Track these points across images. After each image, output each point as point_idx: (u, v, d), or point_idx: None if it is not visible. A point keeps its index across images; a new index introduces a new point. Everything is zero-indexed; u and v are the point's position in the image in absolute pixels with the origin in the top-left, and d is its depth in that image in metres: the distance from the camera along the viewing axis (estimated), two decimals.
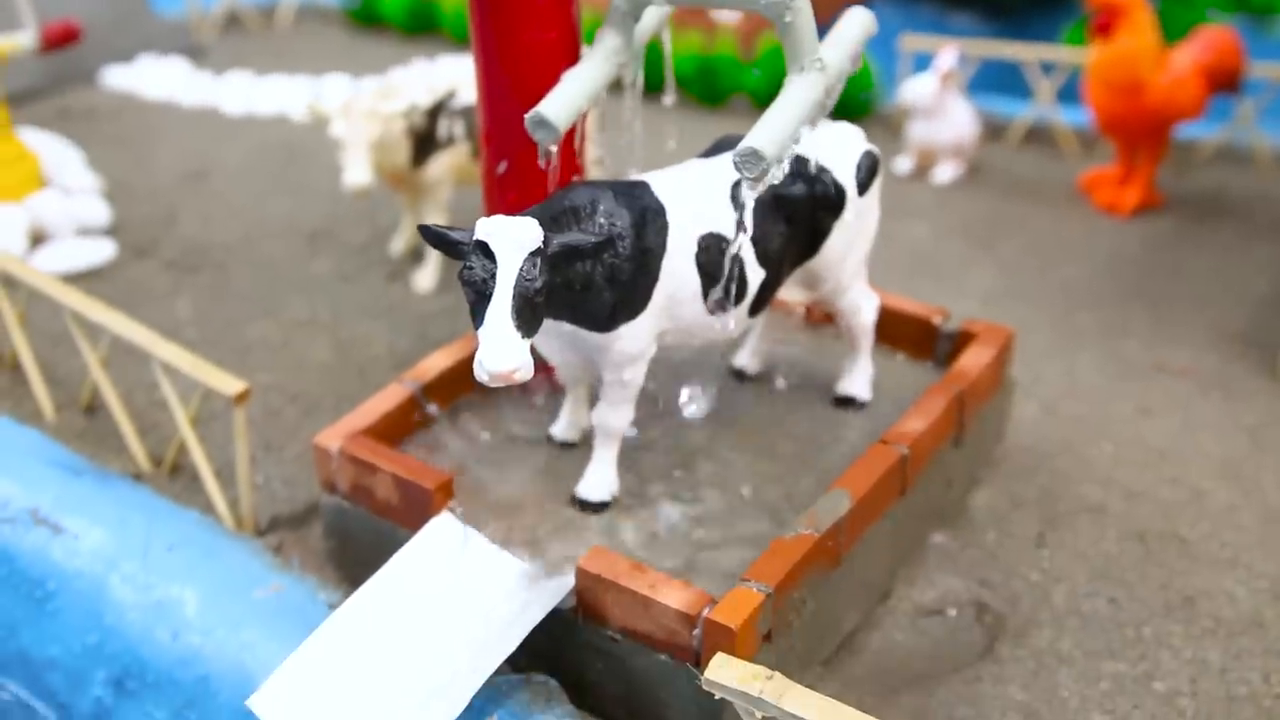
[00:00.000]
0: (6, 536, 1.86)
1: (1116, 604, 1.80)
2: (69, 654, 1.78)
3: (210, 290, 2.58)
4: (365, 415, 1.76)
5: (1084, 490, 2.03)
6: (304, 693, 1.47)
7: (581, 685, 1.58)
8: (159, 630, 1.71)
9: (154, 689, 1.70)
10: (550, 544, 1.63)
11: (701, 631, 1.44)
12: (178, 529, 1.81)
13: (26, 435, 2.01)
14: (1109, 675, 1.68)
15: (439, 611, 1.54)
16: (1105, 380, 2.35)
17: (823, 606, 1.61)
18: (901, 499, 1.73)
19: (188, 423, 1.88)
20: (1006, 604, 1.80)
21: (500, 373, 1.34)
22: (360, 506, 1.72)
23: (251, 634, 1.65)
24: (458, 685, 1.45)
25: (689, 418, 1.86)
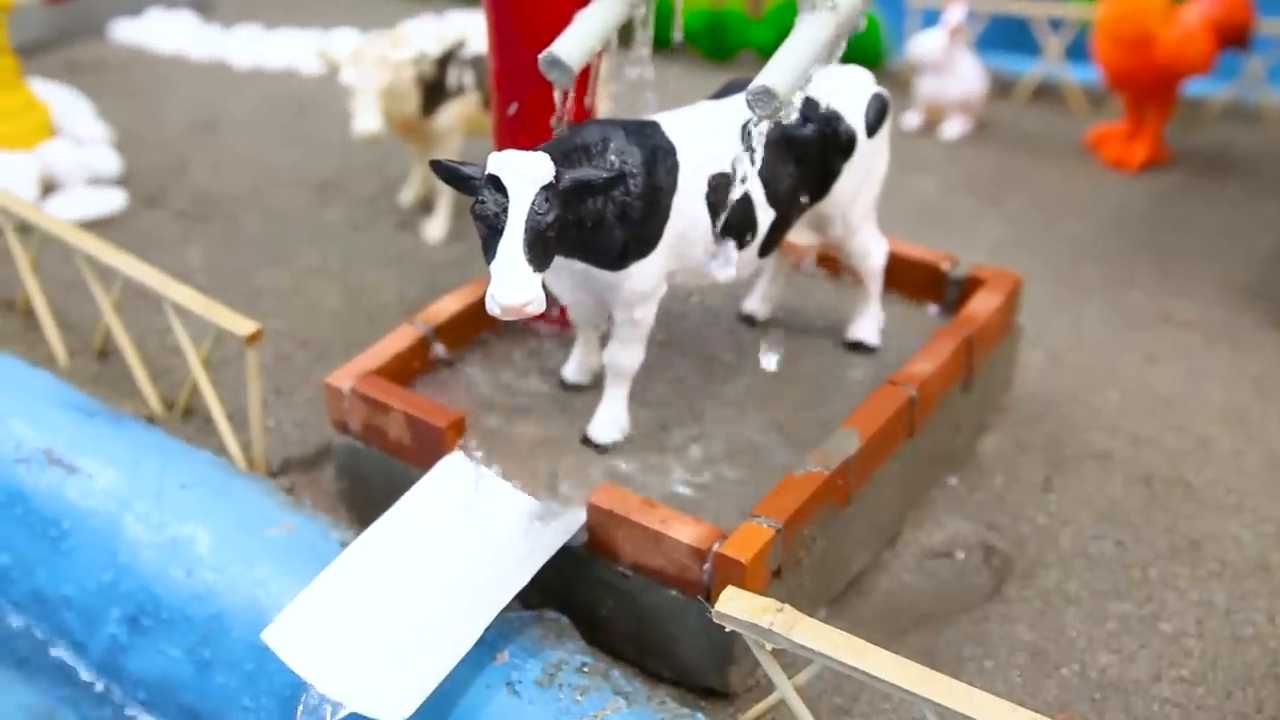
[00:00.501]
0: (21, 476, 1.87)
1: (1123, 546, 1.81)
2: (84, 592, 1.79)
3: (220, 239, 2.58)
4: (376, 356, 1.77)
5: (1090, 437, 2.04)
6: (317, 627, 1.49)
7: (592, 621, 1.59)
8: (173, 568, 1.72)
9: (168, 626, 1.71)
10: (561, 483, 1.64)
11: (712, 566, 1.45)
12: (191, 469, 1.83)
13: (40, 378, 2.02)
14: (1115, 615, 1.69)
15: (450, 548, 1.55)
16: (1111, 330, 2.36)
17: (832, 545, 1.62)
18: (910, 441, 1.74)
19: (200, 364, 1.89)
20: (1014, 546, 1.81)
21: (512, 305, 1.35)
22: (372, 446, 1.73)
23: (264, 571, 1.67)
24: (469, 620, 1.46)
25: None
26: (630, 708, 1.45)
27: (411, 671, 1.43)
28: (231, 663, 1.65)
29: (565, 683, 1.47)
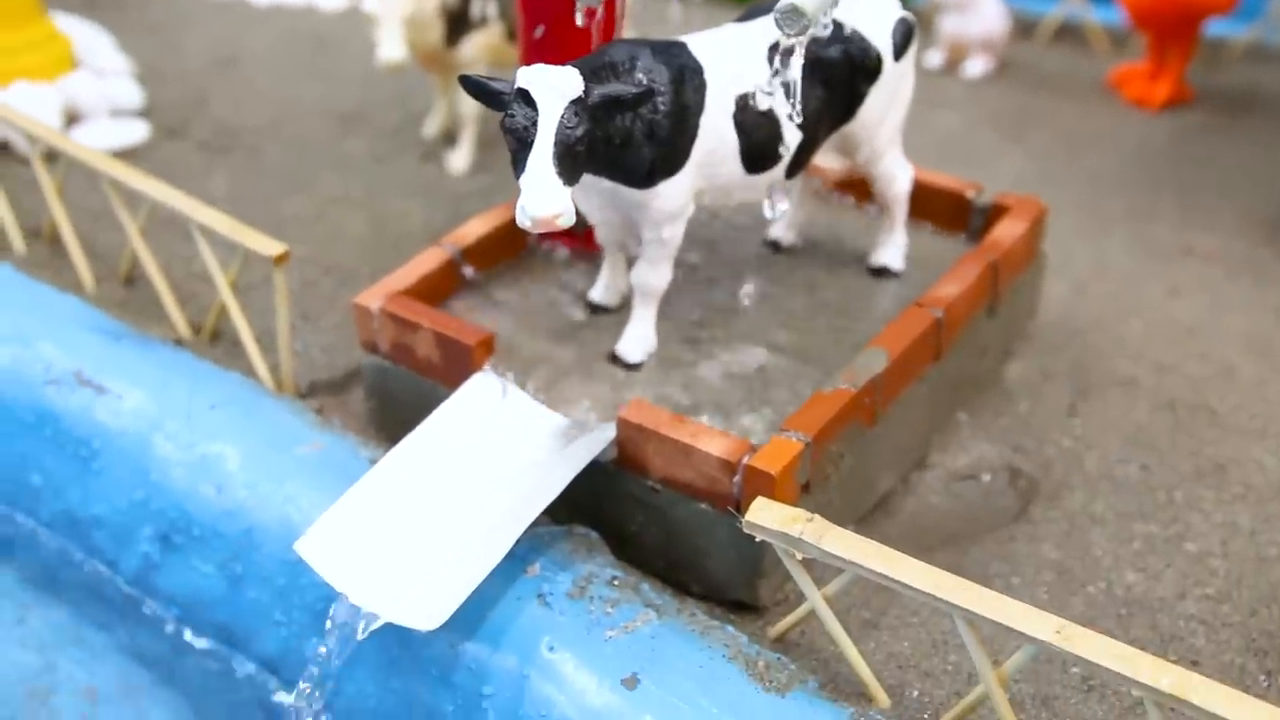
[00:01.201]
0: (51, 398, 1.88)
1: (1148, 470, 1.82)
2: (115, 511, 1.81)
3: (243, 169, 2.59)
4: (405, 277, 1.78)
5: (1115, 364, 2.04)
6: (349, 538, 1.50)
7: (622, 537, 1.60)
8: (203, 486, 1.73)
9: (200, 543, 1.73)
10: (588, 401, 1.65)
11: (741, 479, 1.46)
12: (219, 389, 1.84)
13: (67, 302, 2.03)
14: (1141, 536, 1.70)
15: (480, 463, 1.56)
16: (1134, 262, 2.36)
17: (859, 464, 1.63)
18: (936, 364, 1.75)
19: (228, 287, 1.89)
20: (1040, 469, 1.82)
21: (543, 217, 1.36)
22: (401, 365, 1.74)
23: (295, 487, 1.68)
24: (500, 532, 1.47)
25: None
26: (660, 619, 1.46)
27: (443, 582, 1.44)
28: (263, 578, 1.67)
29: (596, 595, 1.48)
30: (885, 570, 1.30)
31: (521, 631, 1.47)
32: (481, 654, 1.48)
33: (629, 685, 1.40)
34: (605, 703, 1.40)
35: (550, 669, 1.44)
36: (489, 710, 1.46)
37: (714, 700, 1.37)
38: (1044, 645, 1.23)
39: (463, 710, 1.49)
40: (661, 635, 1.45)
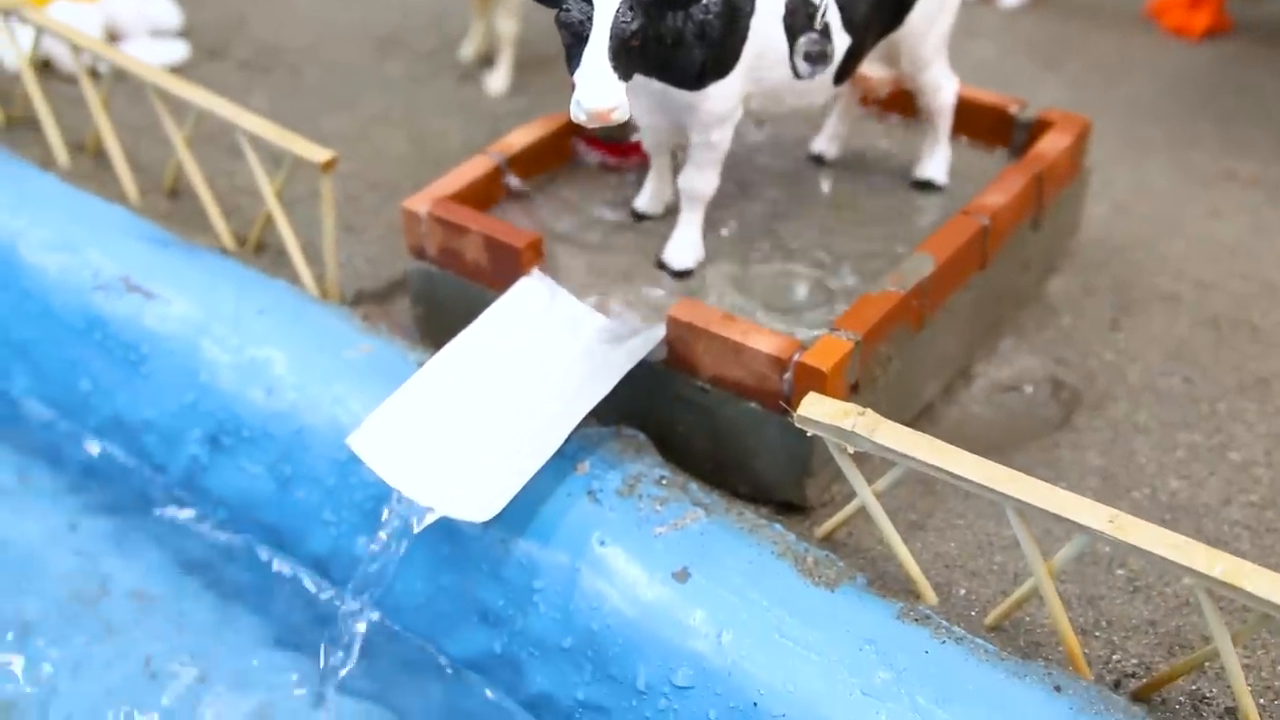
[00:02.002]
0: (99, 304, 1.90)
1: (1191, 382, 1.82)
2: (164, 414, 1.82)
3: (284, 88, 2.59)
4: (452, 182, 1.78)
5: (1157, 281, 2.04)
6: (400, 434, 1.51)
7: (669, 439, 1.61)
8: (253, 388, 1.75)
9: (249, 444, 1.74)
10: (637, 305, 1.66)
11: (792, 376, 1.47)
12: (266, 296, 1.85)
13: (113, 211, 2.04)
14: (1184, 445, 1.71)
15: (529, 363, 1.57)
16: (1175, 186, 2.35)
17: (905, 368, 1.63)
18: (981, 272, 1.75)
19: (274, 195, 1.90)
20: (1083, 381, 1.82)
21: (598, 110, 1.36)
22: (448, 270, 1.75)
23: (343, 389, 1.69)
24: (551, 428, 1.49)
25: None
26: (709, 517, 1.48)
27: (495, 476, 1.45)
28: (312, 478, 1.68)
29: (644, 493, 1.50)
30: (938, 462, 1.30)
31: (572, 527, 1.48)
32: (532, 549, 1.50)
33: (680, 578, 1.41)
34: (656, 595, 1.41)
35: (601, 563, 1.45)
36: (539, 604, 1.48)
37: (764, 593, 1.39)
38: (1096, 535, 1.24)
39: (513, 604, 1.50)
40: (710, 532, 1.46)
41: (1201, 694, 1.37)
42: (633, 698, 1.41)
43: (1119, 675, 1.39)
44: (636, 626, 1.41)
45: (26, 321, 1.97)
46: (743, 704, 1.33)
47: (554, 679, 1.48)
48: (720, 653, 1.35)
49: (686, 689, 1.37)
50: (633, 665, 1.41)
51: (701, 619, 1.38)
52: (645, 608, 1.41)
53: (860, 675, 1.30)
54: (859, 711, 1.28)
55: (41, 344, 1.96)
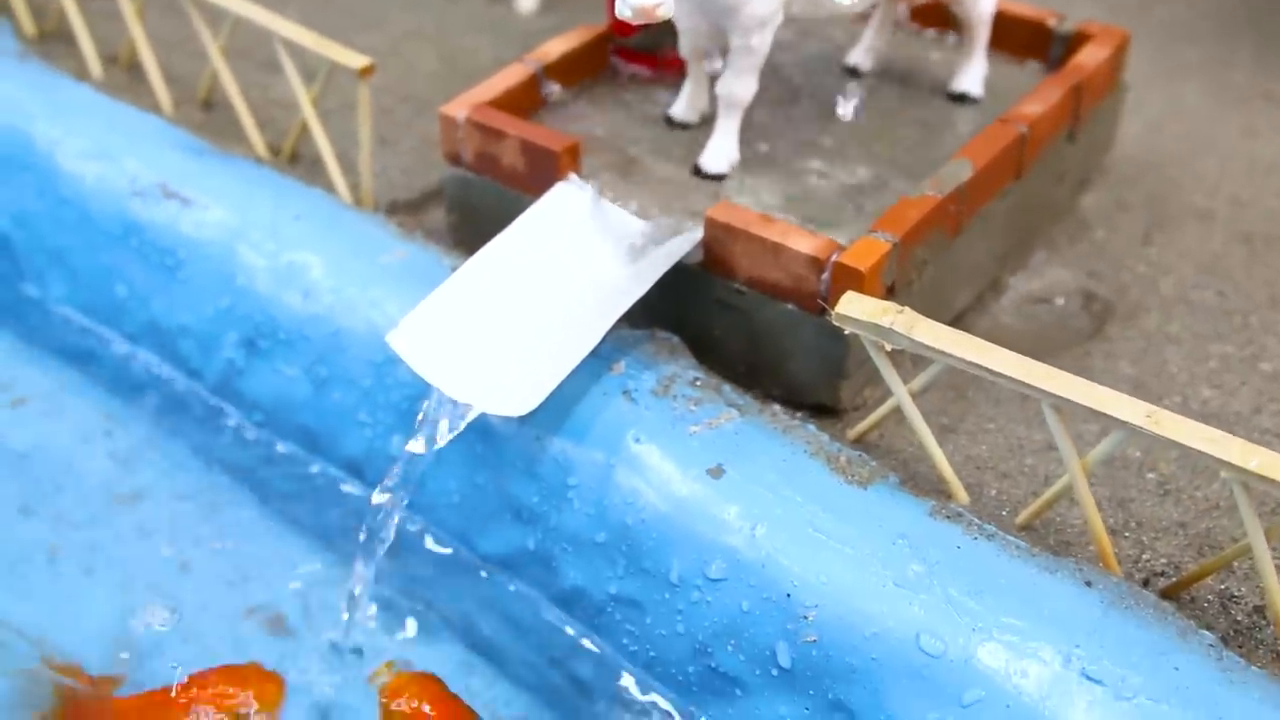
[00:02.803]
0: (136, 210, 1.91)
1: (1224, 296, 1.82)
2: (200, 319, 1.84)
3: (315, 4, 2.59)
4: (489, 89, 1.79)
5: (1191, 197, 2.04)
6: (438, 332, 1.52)
7: (704, 342, 1.62)
8: (289, 292, 1.76)
9: (285, 346, 1.76)
10: (672, 209, 1.66)
11: (829, 277, 1.48)
12: (302, 202, 1.86)
13: (149, 120, 2.05)
14: (1216, 355, 1.71)
15: (565, 264, 1.58)
16: (1210, 106, 2.34)
17: (940, 274, 1.64)
18: (1018, 181, 1.75)
19: (310, 104, 1.91)
20: (1114, 293, 1.83)
21: (644, 6, 1.36)
22: (484, 175, 1.75)
23: (380, 292, 1.70)
24: (588, 327, 1.50)
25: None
26: (743, 417, 1.49)
27: (532, 372, 1.46)
28: (348, 380, 1.70)
29: (679, 394, 1.51)
30: (976, 359, 1.31)
31: (607, 425, 1.49)
32: (567, 447, 1.51)
33: (714, 475, 1.42)
34: (691, 492, 1.42)
35: (636, 460, 1.46)
36: (574, 500, 1.49)
37: (798, 490, 1.40)
38: (1134, 430, 1.24)
39: (548, 501, 1.52)
40: (744, 432, 1.47)
41: (1230, 593, 1.38)
42: (666, 590, 1.42)
43: (1148, 574, 1.40)
44: (670, 521, 1.42)
45: (63, 229, 1.98)
46: (776, 595, 1.34)
47: (587, 574, 1.50)
48: (754, 546, 1.37)
49: (720, 581, 1.38)
50: (666, 559, 1.42)
51: (735, 513, 1.39)
52: (679, 503, 1.42)
53: (893, 568, 1.31)
54: (891, 602, 1.29)
55: (78, 251, 1.97)
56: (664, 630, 1.44)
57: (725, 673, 1.40)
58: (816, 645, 1.32)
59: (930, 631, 1.27)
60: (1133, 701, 1.19)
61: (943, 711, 1.25)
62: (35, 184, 2.01)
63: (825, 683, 1.33)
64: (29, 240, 2.03)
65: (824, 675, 1.33)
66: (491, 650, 1.59)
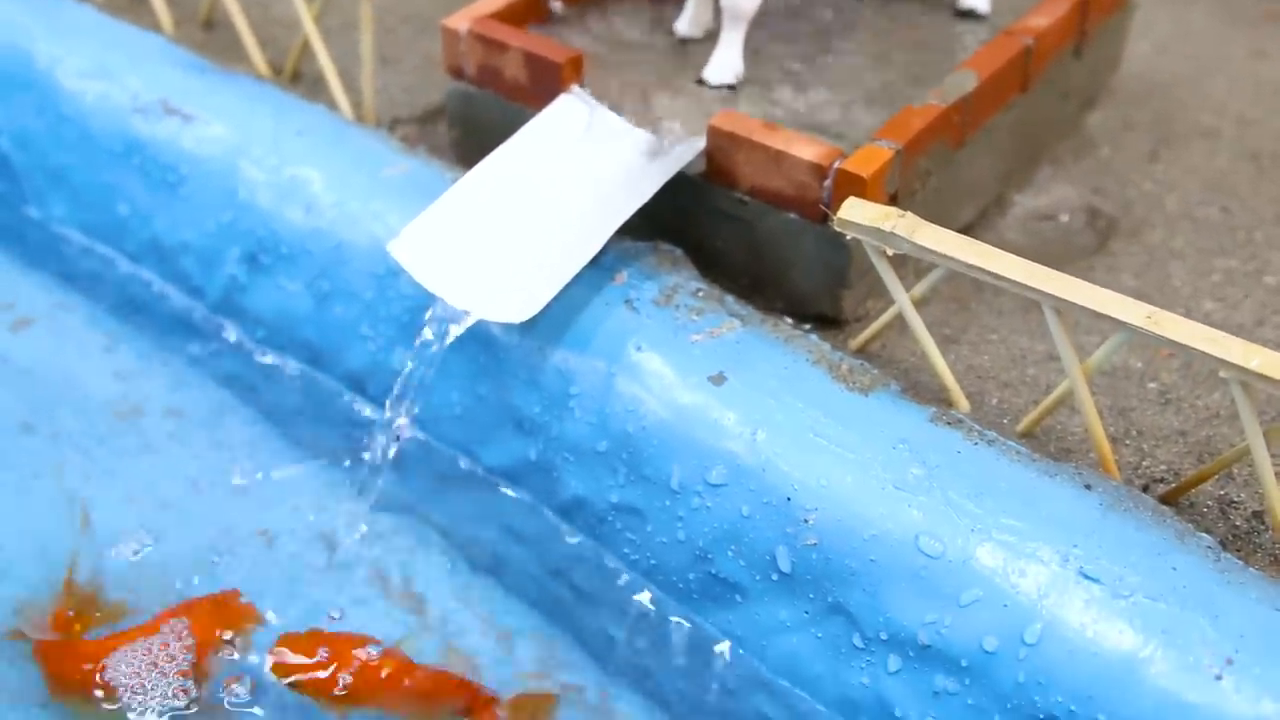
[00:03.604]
0: (138, 126, 1.90)
1: (1229, 212, 1.81)
2: (202, 235, 1.84)
3: None
4: (492, 2, 1.77)
5: (1198, 116, 2.03)
6: (439, 241, 1.52)
7: (706, 255, 1.62)
8: (290, 206, 1.76)
9: (287, 261, 1.75)
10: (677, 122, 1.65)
11: (832, 184, 1.47)
12: (304, 118, 1.85)
13: (149, 39, 2.04)
14: (1220, 270, 1.70)
15: (567, 174, 1.57)
16: (1218, 27, 2.32)
17: (943, 187, 1.63)
18: (1022, 95, 1.74)
19: (311, 22, 1.90)
20: (1119, 209, 1.82)
21: None
22: (487, 89, 1.74)
23: (381, 205, 1.70)
24: (589, 235, 1.49)
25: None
26: (745, 327, 1.48)
27: (532, 280, 1.46)
28: (350, 293, 1.69)
29: (681, 304, 1.51)
30: (977, 262, 1.31)
31: (609, 334, 1.49)
32: (569, 356, 1.51)
33: (715, 382, 1.42)
34: (692, 399, 1.42)
35: (638, 369, 1.46)
36: (575, 409, 1.50)
37: (799, 396, 1.40)
38: (1134, 330, 1.24)
39: (549, 410, 1.52)
40: (746, 341, 1.47)
41: (1229, 498, 1.38)
42: (666, 497, 1.43)
43: (1147, 480, 1.41)
44: (671, 428, 1.42)
45: (64, 147, 1.98)
46: (776, 499, 1.35)
47: (588, 483, 1.50)
48: (754, 451, 1.37)
49: (720, 487, 1.38)
50: (667, 466, 1.42)
51: (736, 419, 1.39)
52: (680, 410, 1.42)
53: (893, 471, 1.31)
54: (891, 505, 1.29)
55: (79, 169, 1.97)
56: (664, 537, 1.44)
57: (725, 578, 1.41)
58: (816, 549, 1.33)
59: (929, 533, 1.27)
60: (1130, 600, 1.19)
61: (941, 612, 1.26)
62: (35, 103, 2.01)
63: (825, 586, 1.33)
64: (29, 160, 2.03)
65: (823, 578, 1.33)
66: (493, 561, 1.59)
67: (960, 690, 1.26)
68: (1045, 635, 1.21)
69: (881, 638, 1.30)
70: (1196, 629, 1.17)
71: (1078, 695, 1.19)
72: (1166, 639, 1.17)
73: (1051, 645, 1.20)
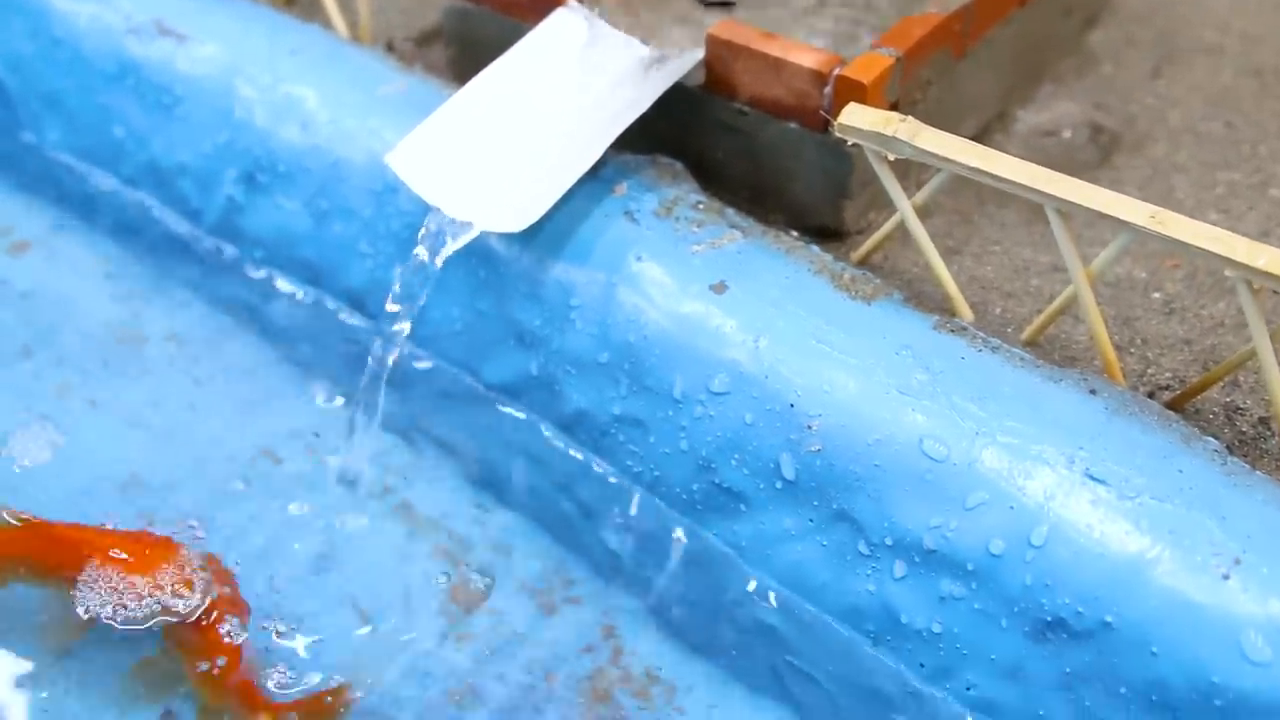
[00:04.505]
0: (132, 48, 1.88)
1: (1232, 127, 1.80)
2: (199, 156, 1.82)
3: None
4: None
5: (1201, 33, 2.01)
6: (437, 152, 1.51)
7: (706, 168, 1.61)
8: (287, 125, 1.74)
9: (285, 180, 1.74)
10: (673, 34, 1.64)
11: (832, 90, 1.46)
12: (299, 37, 1.83)
13: None
14: (1224, 183, 1.70)
15: (565, 86, 1.56)
16: None
17: (944, 96, 1.62)
18: (1022, 9, 1.72)
19: None
20: (1123, 124, 1.81)
21: None
22: (483, 5, 1.73)
23: (378, 122, 1.68)
24: (587, 145, 1.48)
25: None
26: (746, 238, 1.47)
27: (530, 190, 1.45)
28: (349, 211, 1.68)
29: (681, 215, 1.50)
30: (980, 164, 1.30)
31: (609, 246, 1.49)
32: (569, 268, 1.50)
33: (717, 291, 1.41)
34: (694, 308, 1.42)
35: (638, 279, 1.46)
36: (576, 321, 1.49)
37: (801, 304, 1.39)
38: (1138, 230, 1.23)
39: (550, 323, 1.51)
40: (747, 251, 1.46)
41: (1235, 405, 1.37)
42: (669, 407, 1.42)
43: (1152, 387, 1.40)
44: (673, 337, 1.41)
45: (58, 71, 1.96)
46: (779, 406, 1.34)
47: (590, 396, 1.49)
48: (757, 358, 1.36)
49: (723, 395, 1.38)
50: (669, 375, 1.42)
51: (738, 327, 1.38)
52: (682, 319, 1.41)
53: (896, 376, 1.31)
54: (895, 409, 1.29)
55: (73, 93, 1.95)
56: (667, 448, 1.44)
57: (729, 488, 1.40)
58: (820, 455, 1.32)
59: (934, 437, 1.27)
60: (1136, 501, 1.19)
61: (946, 515, 1.25)
62: (28, 26, 1.98)
63: (829, 493, 1.33)
64: (23, 85, 2.01)
65: (828, 485, 1.32)
66: (495, 478, 1.59)
67: (966, 594, 1.25)
68: (1052, 537, 1.20)
69: (887, 543, 1.29)
70: (1204, 530, 1.16)
71: (1085, 596, 1.18)
72: (1174, 540, 1.16)
73: (1058, 547, 1.20)
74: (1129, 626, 1.16)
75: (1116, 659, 1.18)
